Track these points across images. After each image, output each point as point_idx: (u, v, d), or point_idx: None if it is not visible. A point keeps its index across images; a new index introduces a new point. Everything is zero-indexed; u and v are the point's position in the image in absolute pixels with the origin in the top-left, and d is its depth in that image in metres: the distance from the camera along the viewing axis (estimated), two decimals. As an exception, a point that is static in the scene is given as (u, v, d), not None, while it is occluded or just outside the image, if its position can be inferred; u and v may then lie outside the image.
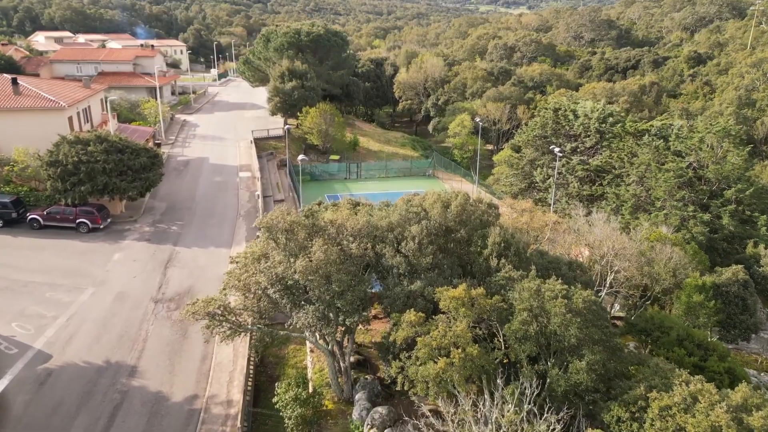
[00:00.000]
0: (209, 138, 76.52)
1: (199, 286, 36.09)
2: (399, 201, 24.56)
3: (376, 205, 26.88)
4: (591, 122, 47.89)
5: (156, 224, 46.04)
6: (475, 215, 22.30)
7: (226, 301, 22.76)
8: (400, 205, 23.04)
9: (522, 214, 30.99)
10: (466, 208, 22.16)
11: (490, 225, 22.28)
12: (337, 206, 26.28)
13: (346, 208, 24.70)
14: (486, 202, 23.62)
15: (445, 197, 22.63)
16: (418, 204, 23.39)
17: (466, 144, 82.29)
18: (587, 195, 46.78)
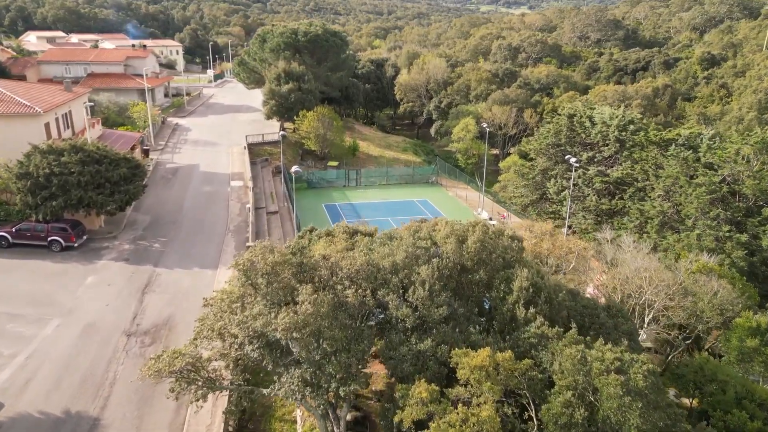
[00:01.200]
0: (201, 143, 72.75)
1: (179, 315, 32.31)
2: (404, 231, 20.79)
3: (377, 234, 23.10)
4: (610, 130, 44.14)
5: (137, 241, 42.25)
6: (496, 253, 18.58)
7: (197, 354, 18.94)
8: (405, 237, 19.34)
9: (542, 239, 27.22)
10: (485, 244, 18.44)
11: (515, 264, 18.54)
12: (331, 235, 22.52)
13: (341, 238, 20.94)
14: (508, 234, 19.90)
15: (460, 230, 18.93)
16: (427, 235, 19.63)
17: (470, 149, 78.52)
18: (606, 209, 43.03)
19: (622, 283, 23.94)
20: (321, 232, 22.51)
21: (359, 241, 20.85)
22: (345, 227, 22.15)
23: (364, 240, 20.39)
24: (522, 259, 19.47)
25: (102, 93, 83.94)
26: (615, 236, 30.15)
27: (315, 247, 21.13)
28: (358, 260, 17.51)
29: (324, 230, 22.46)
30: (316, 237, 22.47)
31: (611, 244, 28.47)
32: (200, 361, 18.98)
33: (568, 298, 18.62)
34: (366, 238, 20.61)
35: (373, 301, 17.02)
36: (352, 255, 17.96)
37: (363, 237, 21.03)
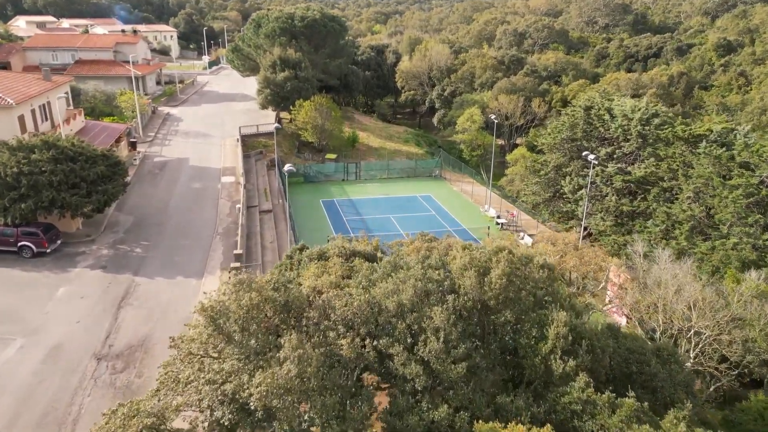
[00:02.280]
0: (192, 135, 69.05)
1: (157, 334, 29.00)
2: (412, 255, 17.30)
3: (379, 247, 19.59)
4: (632, 124, 40.44)
5: (117, 245, 38.83)
6: (526, 289, 15.20)
7: (160, 410, 15.53)
8: (413, 266, 15.93)
9: (567, 252, 23.77)
10: (513, 278, 15.04)
11: (549, 303, 15.17)
12: (324, 258, 19.04)
13: (336, 263, 17.48)
14: (538, 262, 16.47)
15: (481, 259, 15.50)
16: (439, 262, 16.19)
17: (475, 140, 74.73)
18: (627, 210, 39.48)
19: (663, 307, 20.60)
20: (313, 253, 19.13)
21: (357, 267, 17.44)
22: (341, 247, 18.74)
23: (364, 267, 16.98)
24: (555, 293, 16.09)
25: (90, 81, 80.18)
26: (647, 249, 26.68)
27: (305, 273, 17.73)
28: (356, 300, 14.14)
29: (316, 250, 19.07)
30: (306, 259, 19.08)
31: (644, 258, 25.07)
32: (165, 416, 15.56)
33: (605, 334, 15.26)
34: (365, 264, 17.20)
35: (373, 353, 13.66)
36: (348, 291, 14.60)
37: (362, 262, 17.63)
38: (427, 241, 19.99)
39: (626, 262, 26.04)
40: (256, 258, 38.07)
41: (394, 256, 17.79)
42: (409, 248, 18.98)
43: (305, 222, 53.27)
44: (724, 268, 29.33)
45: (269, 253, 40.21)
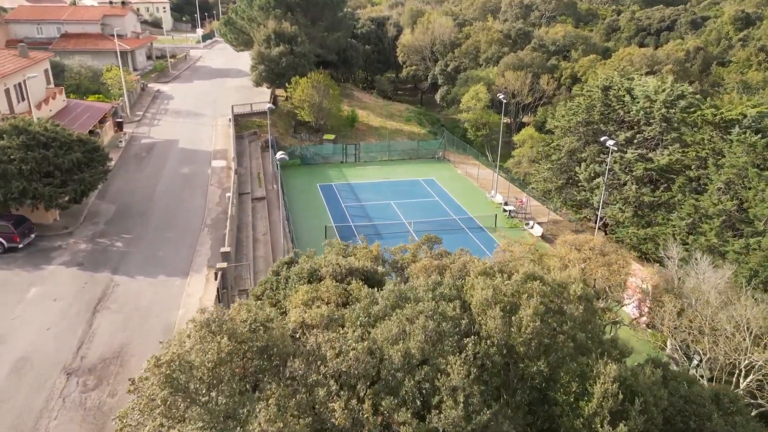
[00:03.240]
0: (183, 114, 65.52)
1: (134, 343, 26.29)
2: (420, 285, 14.31)
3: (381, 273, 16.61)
4: (655, 106, 37.10)
5: (96, 239, 35.92)
6: (563, 331, 12.33)
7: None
8: (422, 296, 13.00)
9: (594, 259, 20.87)
10: (548, 319, 12.17)
11: (590, 348, 12.33)
12: (317, 278, 16.11)
13: (330, 288, 14.58)
14: (575, 293, 13.55)
15: (506, 292, 12.58)
16: (453, 291, 13.26)
17: (480, 120, 71.21)
18: (648, 201, 36.44)
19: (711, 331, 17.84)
20: (303, 271, 16.22)
21: (355, 292, 14.52)
22: (335, 265, 15.79)
23: (362, 294, 14.03)
24: (597, 332, 13.21)
25: (77, 56, 76.28)
26: (683, 255, 23.76)
27: (293, 298, 14.85)
28: (352, 348, 11.30)
29: (307, 268, 16.16)
30: (295, 277, 16.17)
31: (680, 266, 22.22)
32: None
33: (663, 391, 12.48)
34: (364, 290, 14.25)
35: (374, 418, 10.87)
36: (343, 333, 11.78)
37: (360, 286, 14.69)
38: (437, 256, 17.09)
39: (658, 268, 23.19)
40: (246, 253, 35.22)
41: (397, 283, 14.77)
42: (417, 267, 16.13)
43: (301, 209, 50.33)
44: (764, 272, 26.51)
45: (261, 247, 37.34)
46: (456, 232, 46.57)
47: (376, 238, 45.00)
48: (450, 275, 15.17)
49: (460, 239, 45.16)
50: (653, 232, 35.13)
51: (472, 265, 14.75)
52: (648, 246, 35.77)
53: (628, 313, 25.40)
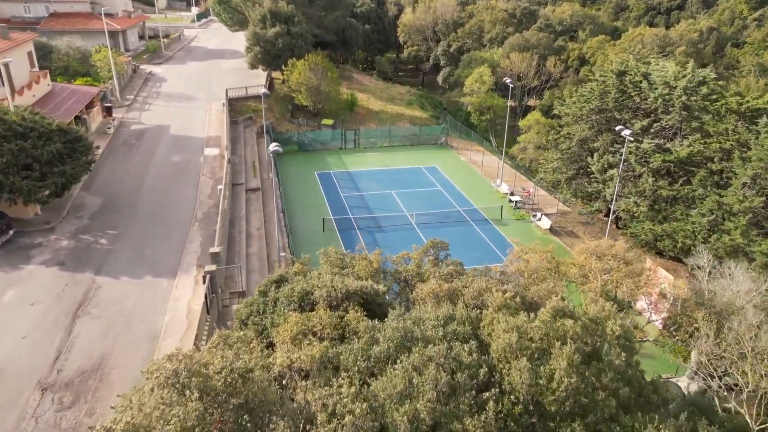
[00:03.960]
0: (175, 98, 62.94)
1: (116, 354, 24.40)
2: (429, 320, 12.22)
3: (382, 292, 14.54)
4: (675, 93, 34.71)
5: (79, 235, 33.86)
6: (604, 385, 10.29)
7: None
8: (432, 339, 10.92)
9: (617, 271, 18.83)
10: (584, 372, 10.13)
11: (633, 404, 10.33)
12: (308, 300, 14.05)
13: (323, 319, 12.55)
14: (614, 331, 11.49)
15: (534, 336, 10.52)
16: (469, 329, 11.22)
17: (484, 103, 68.64)
18: (666, 196, 34.27)
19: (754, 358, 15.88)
20: (293, 295, 14.09)
21: (352, 323, 12.48)
22: (330, 288, 13.69)
23: (361, 328, 11.99)
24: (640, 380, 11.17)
25: (66, 36, 73.35)
26: (688, 241, 21.62)
27: (280, 329, 12.82)
28: (348, 413, 9.31)
29: (298, 291, 14.05)
30: (284, 300, 14.06)
31: (710, 276, 20.21)
32: None
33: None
34: (363, 323, 12.21)
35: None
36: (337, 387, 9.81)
37: (359, 317, 12.63)
38: (447, 277, 15.01)
39: (687, 279, 21.16)
40: (238, 251, 33.21)
41: (401, 315, 12.66)
42: (424, 291, 14.11)
43: (298, 200, 48.21)
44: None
45: (255, 243, 35.29)
46: (460, 224, 44.51)
47: (376, 232, 43.10)
48: (463, 304, 13.17)
49: (465, 232, 43.16)
50: (671, 228, 33.05)
51: (490, 296, 12.67)
52: (665, 243, 33.76)
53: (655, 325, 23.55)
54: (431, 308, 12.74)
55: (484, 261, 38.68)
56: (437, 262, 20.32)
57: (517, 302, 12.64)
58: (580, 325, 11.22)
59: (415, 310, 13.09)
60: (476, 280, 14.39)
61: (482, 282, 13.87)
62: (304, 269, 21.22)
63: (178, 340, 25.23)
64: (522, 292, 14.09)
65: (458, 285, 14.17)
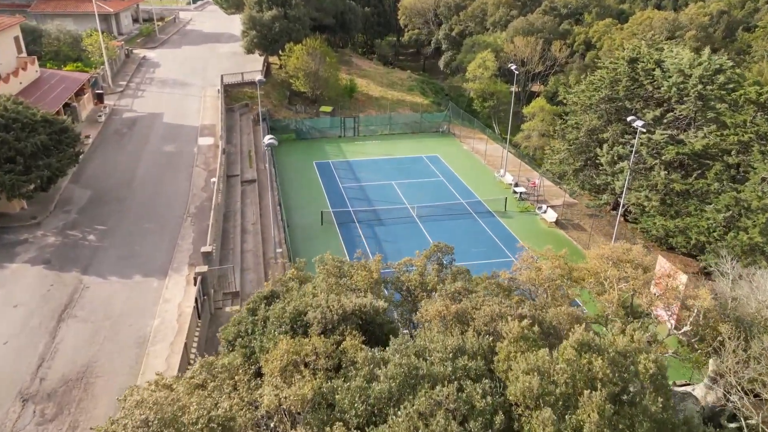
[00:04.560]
0: (169, 84, 61.14)
1: (102, 361, 23.16)
2: (436, 351, 10.82)
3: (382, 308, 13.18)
4: (690, 82, 33.06)
5: (67, 231, 32.48)
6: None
7: None
8: (439, 377, 9.57)
9: (636, 280, 17.47)
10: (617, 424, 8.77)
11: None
12: (299, 322, 12.69)
13: (318, 346, 11.19)
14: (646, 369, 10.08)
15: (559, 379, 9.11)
16: (481, 364, 9.81)
17: (487, 89, 66.81)
18: (679, 190, 32.81)
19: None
20: (284, 316, 12.64)
21: (350, 352, 11.09)
22: (326, 308, 12.28)
23: (359, 358, 10.67)
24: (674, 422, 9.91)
25: (57, 20, 71.28)
26: (702, 237, 20.16)
27: (270, 357, 11.47)
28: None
29: (290, 312, 12.62)
30: (275, 321, 12.65)
31: (735, 282, 18.84)
32: None
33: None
34: (362, 353, 10.86)
35: None
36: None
37: (356, 345, 11.29)
38: (455, 295, 13.61)
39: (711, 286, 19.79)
40: (233, 248, 31.85)
41: (403, 347, 11.26)
42: (430, 312, 12.73)
43: (296, 192, 46.75)
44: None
45: (250, 239, 33.92)
46: (463, 217, 43.10)
47: (376, 225, 41.67)
48: (474, 331, 11.83)
49: (468, 225, 41.77)
50: (684, 224, 31.65)
51: (505, 325, 11.24)
52: (678, 240, 32.39)
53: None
54: (437, 333, 11.41)
55: (488, 257, 37.52)
56: (442, 268, 18.96)
57: (535, 332, 11.26)
58: (609, 361, 9.86)
59: (420, 335, 11.77)
60: (487, 300, 13.02)
61: (495, 305, 12.50)
62: (300, 275, 19.87)
63: (168, 345, 24.00)
64: (539, 315, 12.73)
65: (467, 306, 12.82)
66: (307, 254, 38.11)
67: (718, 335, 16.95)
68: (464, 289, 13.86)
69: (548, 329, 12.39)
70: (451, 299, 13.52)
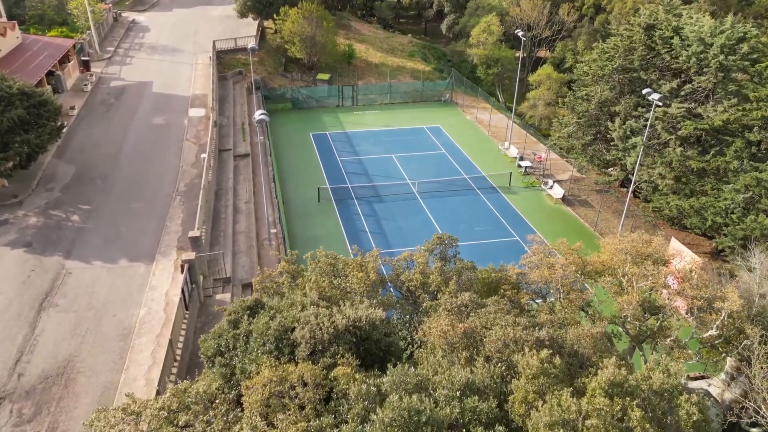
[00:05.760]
0: (159, 50, 58.48)
1: (84, 355, 21.87)
2: (441, 384, 9.31)
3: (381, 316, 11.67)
4: (711, 52, 30.82)
5: (49, 211, 30.87)
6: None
7: None
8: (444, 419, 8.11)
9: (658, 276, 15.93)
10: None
11: None
12: (285, 340, 11.18)
13: (306, 374, 9.69)
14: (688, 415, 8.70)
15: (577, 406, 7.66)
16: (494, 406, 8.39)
17: (492, 56, 64.02)
18: (696, 168, 30.98)
19: None
20: (269, 334, 11.06)
21: (341, 381, 9.65)
22: (315, 327, 10.75)
23: (354, 394, 9.25)
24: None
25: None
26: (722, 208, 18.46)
27: (251, 384, 10.00)
28: None
29: (274, 327, 11.08)
30: (259, 338, 11.09)
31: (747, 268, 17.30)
32: None
33: None
34: (355, 387, 9.41)
35: None
36: None
37: (351, 374, 9.80)
38: (461, 308, 12.07)
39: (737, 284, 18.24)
40: (224, 231, 30.25)
41: (407, 387, 9.73)
42: (435, 331, 11.19)
43: (292, 165, 44.91)
44: None
45: (243, 219, 32.30)
46: (465, 192, 41.38)
47: (375, 202, 39.97)
48: (484, 359, 10.34)
49: (470, 202, 40.11)
50: (699, 204, 29.98)
51: (522, 359, 9.65)
52: (692, 220, 30.76)
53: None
54: (442, 359, 9.96)
55: (492, 236, 36.00)
56: (445, 262, 17.42)
57: (557, 366, 9.78)
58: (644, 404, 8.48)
59: (422, 359, 10.32)
60: (498, 318, 11.46)
61: (508, 326, 10.96)
62: (291, 268, 18.36)
63: (154, 337, 22.69)
64: (558, 337, 11.22)
65: (476, 324, 11.31)
66: (303, 234, 36.77)
67: (744, 338, 15.56)
68: (472, 302, 12.35)
69: (570, 355, 10.91)
70: (457, 313, 12.00)
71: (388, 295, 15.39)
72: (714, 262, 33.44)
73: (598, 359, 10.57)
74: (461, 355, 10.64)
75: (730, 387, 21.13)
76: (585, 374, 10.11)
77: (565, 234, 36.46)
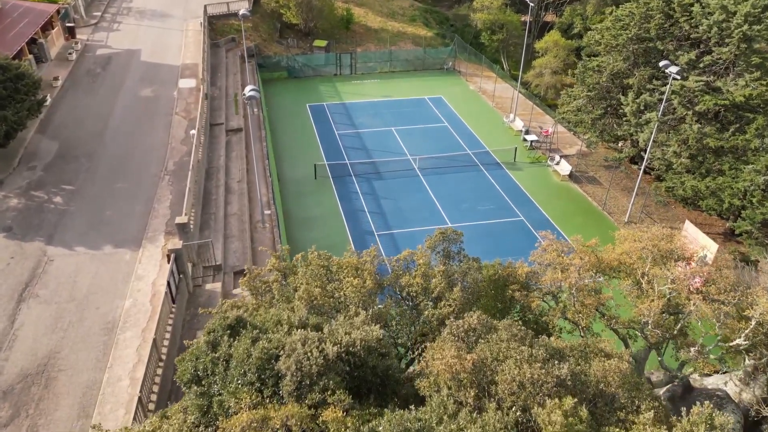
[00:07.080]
0: (148, 15, 55.73)
1: (65, 352, 20.72)
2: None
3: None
4: (734, 21, 28.67)
5: (31, 192, 29.31)
6: None
7: None
8: None
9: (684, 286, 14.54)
10: None
11: None
12: (269, 370, 9.81)
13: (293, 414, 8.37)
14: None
15: None
16: None
17: (497, 21, 61.30)
18: (713, 146, 29.22)
19: None
20: (250, 359, 9.64)
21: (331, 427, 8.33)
22: (303, 356, 9.34)
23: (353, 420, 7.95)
24: None
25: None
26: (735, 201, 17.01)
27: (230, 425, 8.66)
28: None
29: (256, 355, 9.64)
30: (239, 367, 9.65)
31: None
32: None
33: None
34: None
35: None
36: None
37: (341, 419, 8.51)
38: (467, 333, 10.65)
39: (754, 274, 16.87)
40: (214, 214, 28.77)
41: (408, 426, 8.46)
42: (440, 364, 9.75)
43: (288, 139, 43.12)
44: None
45: (235, 200, 30.77)
46: (468, 169, 39.70)
47: (374, 179, 38.33)
48: (496, 402, 9.00)
49: (474, 179, 38.48)
50: (716, 184, 28.40)
51: (543, 414, 8.27)
52: (708, 202, 29.23)
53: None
54: (447, 398, 8.67)
55: (496, 216, 34.48)
56: (449, 261, 16.01)
57: (584, 420, 8.44)
58: None
59: (425, 396, 9.00)
60: (512, 350, 10.07)
61: (523, 363, 9.55)
62: (282, 266, 16.97)
63: (140, 332, 21.46)
64: (583, 372, 9.87)
65: (486, 355, 9.93)
66: (299, 215, 35.28)
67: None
68: (481, 325, 10.96)
69: (595, 396, 9.59)
70: (464, 336, 10.61)
71: (386, 303, 14.04)
72: (728, 243, 32.07)
73: (627, 401, 9.30)
74: (469, 393, 9.34)
75: (749, 386, 20.00)
76: (614, 420, 8.86)
77: (572, 214, 35.05)
